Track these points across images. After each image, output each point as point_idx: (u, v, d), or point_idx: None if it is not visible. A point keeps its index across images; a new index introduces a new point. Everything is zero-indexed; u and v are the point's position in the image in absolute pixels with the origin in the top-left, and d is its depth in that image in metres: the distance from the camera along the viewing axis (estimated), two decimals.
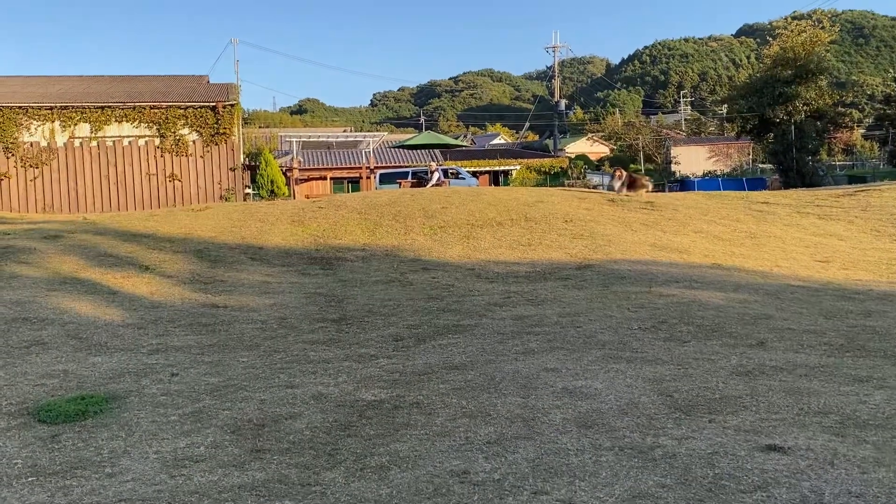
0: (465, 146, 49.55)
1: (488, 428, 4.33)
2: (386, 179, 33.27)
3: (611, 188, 17.43)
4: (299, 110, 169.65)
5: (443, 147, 35.95)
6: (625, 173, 17.79)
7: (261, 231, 13.26)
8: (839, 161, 57.04)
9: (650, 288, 8.88)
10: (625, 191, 17.11)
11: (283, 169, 49.57)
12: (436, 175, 26.23)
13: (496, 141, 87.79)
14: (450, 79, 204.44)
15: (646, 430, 4.16)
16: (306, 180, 49.13)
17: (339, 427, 4.45)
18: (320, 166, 48.49)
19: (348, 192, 40.30)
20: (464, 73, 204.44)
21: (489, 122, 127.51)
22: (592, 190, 21.55)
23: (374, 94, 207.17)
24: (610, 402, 4.73)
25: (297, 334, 7.27)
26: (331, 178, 48.29)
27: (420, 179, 27.27)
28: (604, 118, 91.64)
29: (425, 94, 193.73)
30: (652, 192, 17.92)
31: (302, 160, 49.52)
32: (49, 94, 25.68)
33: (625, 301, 8.21)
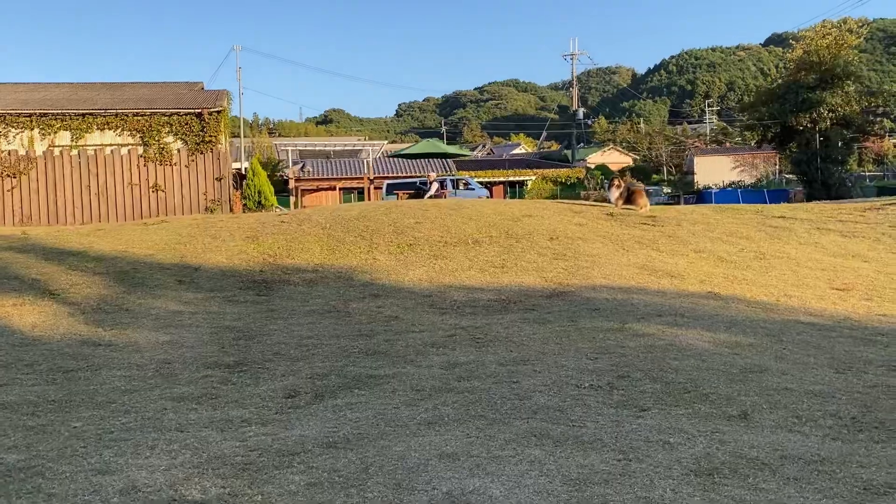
0: (466, 155, 48.12)
1: None
2: (393, 190, 31.92)
3: (608, 199, 15.77)
4: (325, 121, 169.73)
5: (443, 156, 34.47)
6: (623, 183, 16.13)
7: (207, 248, 11.89)
8: (869, 171, 54.65)
9: (624, 324, 7.32)
10: (621, 203, 15.48)
11: (292, 179, 48.59)
12: (434, 186, 24.81)
13: (517, 151, 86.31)
14: (475, 89, 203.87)
15: None
16: (315, 191, 48.01)
17: None
18: (329, 176, 47.35)
19: (356, 202, 38.97)
20: (489, 84, 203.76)
21: (513, 131, 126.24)
22: (595, 203, 19.83)
23: (400, 105, 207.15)
24: None
25: (169, 386, 5.82)
26: (340, 189, 47.14)
27: (417, 190, 25.89)
28: (630, 128, 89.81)
29: (450, 104, 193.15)
30: (648, 207, 16.21)
31: (311, 170, 48.50)
32: (30, 102, 24.67)
33: (588, 343, 6.65)
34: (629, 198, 15.46)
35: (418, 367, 6.15)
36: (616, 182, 15.97)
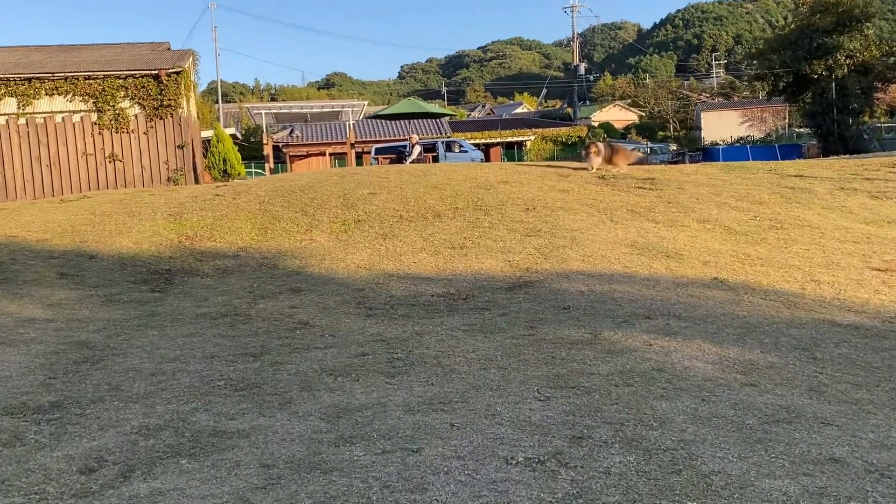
0: (450, 115, 45.77)
1: None
2: (382, 154, 29.76)
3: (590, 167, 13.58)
4: (326, 85, 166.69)
5: (428, 116, 32.23)
6: (602, 146, 13.96)
7: (116, 230, 9.98)
8: (885, 123, 51.92)
9: (597, 333, 5.39)
10: (601, 165, 13.41)
11: (280, 145, 46.56)
12: (416, 149, 22.71)
13: (518, 110, 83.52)
14: (478, 48, 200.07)
15: None
16: (304, 156, 45.87)
17: None
18: (318, 141, 45.17)
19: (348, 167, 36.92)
20: (492, 43, 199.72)
21: (517, 91, 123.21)
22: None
23: (402, 67, 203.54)
24: None
25: None
26: (330, 154, 44.98)
27: (399, 154, 23.82)
28: (630, 81, 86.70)
29: (453, 64, 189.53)
30: (633, 164, 14.10)
31: (300, 135, 46.36)
32: None
33: (543, 368, 4.73)
34: (611, 160, 13.39)
35: (292, 414, 4.26)
36: (594, 149, 13.63)
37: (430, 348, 5.36)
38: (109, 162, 21.99)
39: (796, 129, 49.35)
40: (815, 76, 28.62)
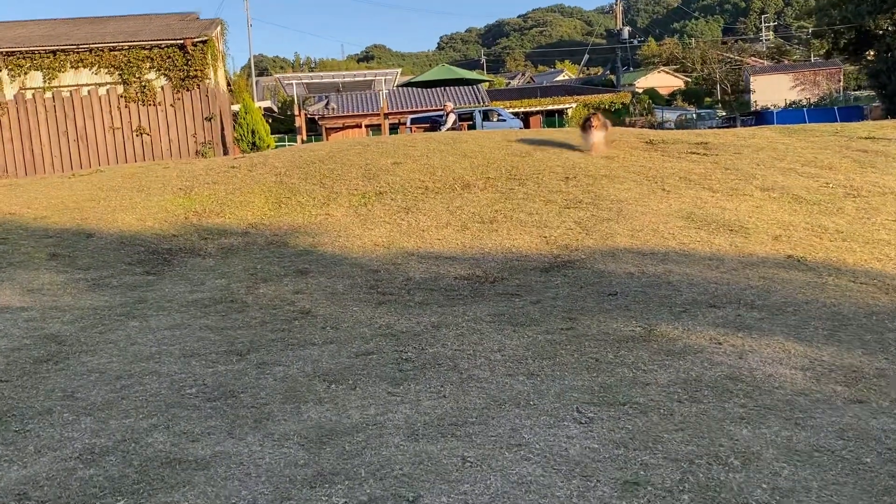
0: (487, 80, 44.35)
1: None
2: (417, 124, 28.73)
3: (590, 147, 10.35)
4: (366, 57, 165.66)
5: (463, 83, 30.98)
6: (602, 121, 11.06)
7: (121, 206, 9.23)
8: None
9: (652, 327, 4.41)
10: (603, 144, 10.71)
11: (316, 117, 45.84)
12: (451, 118, 21.60)
13: (559, 78, 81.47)
14: (518, 17, 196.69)
15: None
16: (341, 128, 45.04)
17: None
18: (354, 113, 44.26)
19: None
20: (533, 10, 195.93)
21: (557, 59, 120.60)
22: (642, 129, 16.32)
23: (441, 37, 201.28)
24: None
25: None
26: (366, 126, 44.06)
27: (433, 124, 22.76)
28: (676, 45, 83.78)
29: (493, 34, 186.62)
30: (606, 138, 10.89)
31: (336, 107, 45.53)
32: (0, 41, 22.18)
33: (584, 375, 3.78)
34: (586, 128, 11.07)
35: (267, 437, 3.39)
36: (596, 121, 10.86)
37: (446, 345, 4.44)
38: (137, 136, 21.43)
39: (852, 92, 46.89)
40: (880, 32, 26.63)
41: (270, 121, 41.41)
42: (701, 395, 3.41)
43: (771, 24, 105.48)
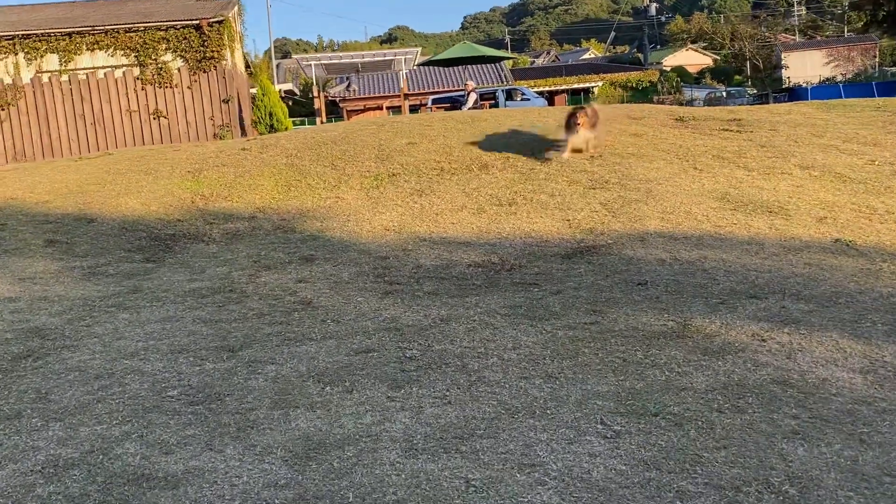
0: (510, 57, 43.49)
1: None
2: (437, 104, 28.20)
3: (575, 148, 8.66)
4: (388, 38, 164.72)
5: (483, 61, 30.28)
6: (590, 114, 8.81)
7: (126, 189, 8.89)
8: None
9: (687, 321, 3.94)
10: (583, 144, 8.70)
11: (337, 99, 45.46)
12: (472, 97, 21.06)
13: (585, 56, 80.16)
14: None
15: None
16: (362, 110, 44.58)
17: None
18: (375, 94, 43.78)
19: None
20: None
21: (583, 38, 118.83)
22: (673, 107, 15.70)
23: (465, 17, 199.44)
24: None
25: None
26: (387, 108, 43.56)
27: (455, 104, 22.23)
28: (706, 20, 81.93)
29: (517, 13, 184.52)
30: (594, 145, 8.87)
31: (357, 88, 45.09)
32: (17, 24, 21.95)
33: (609, 378, 3.32)
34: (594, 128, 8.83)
35: (248, 449, 2.99)
36: (582, 117, 8.61)
37: (455, 342, 4.00)
38: (154, 118, 21.15)
39: (888, 68, 45.41)
40: None
41: (291, 103, 41.02)
42: (745, 404, 2.95)
43: None
